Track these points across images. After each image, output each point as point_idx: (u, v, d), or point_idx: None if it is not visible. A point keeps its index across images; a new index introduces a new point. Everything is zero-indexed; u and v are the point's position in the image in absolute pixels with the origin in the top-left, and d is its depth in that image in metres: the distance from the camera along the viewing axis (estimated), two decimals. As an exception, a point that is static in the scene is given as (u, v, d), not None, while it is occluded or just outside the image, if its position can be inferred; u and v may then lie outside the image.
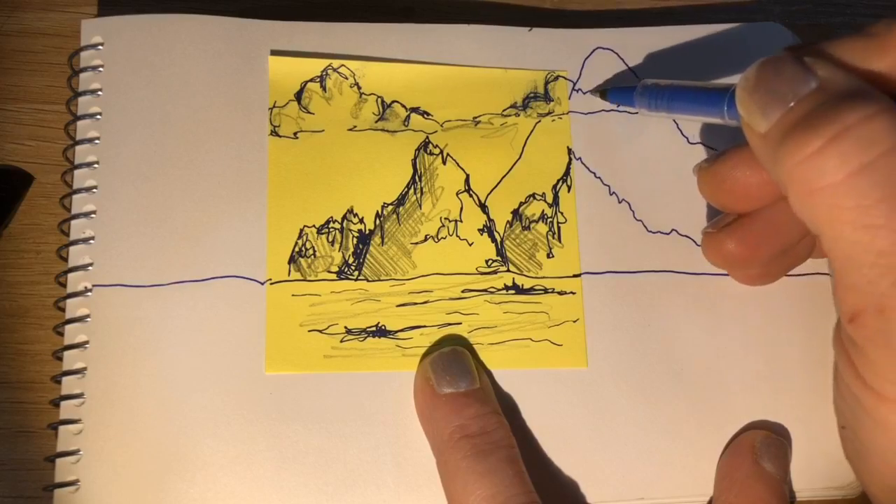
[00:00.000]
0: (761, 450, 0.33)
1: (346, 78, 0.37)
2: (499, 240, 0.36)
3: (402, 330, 0.35)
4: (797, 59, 0.27)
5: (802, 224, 0.27)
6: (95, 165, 0.36)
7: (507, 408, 0.34)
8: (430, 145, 0.37)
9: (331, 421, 0.34)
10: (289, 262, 0.35)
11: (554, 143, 0.38)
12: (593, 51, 0.39)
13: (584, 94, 0.38)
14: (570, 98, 0.38)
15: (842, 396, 0.29)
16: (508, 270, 0.36)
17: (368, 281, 0.36)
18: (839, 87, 0.26)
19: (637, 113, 0.37)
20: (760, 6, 0.41)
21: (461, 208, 0.37)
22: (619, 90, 0.37)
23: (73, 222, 0.35)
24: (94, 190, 0.36)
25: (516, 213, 0.37)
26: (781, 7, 0.40)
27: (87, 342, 0.34)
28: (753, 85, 0.28)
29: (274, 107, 0.37)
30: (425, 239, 0.36)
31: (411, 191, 0.37)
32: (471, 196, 0.37)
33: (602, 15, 0.41)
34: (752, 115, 0.28)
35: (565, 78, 0.38)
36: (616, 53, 0.39)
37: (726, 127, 0.37)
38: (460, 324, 0.35)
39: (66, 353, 0.34)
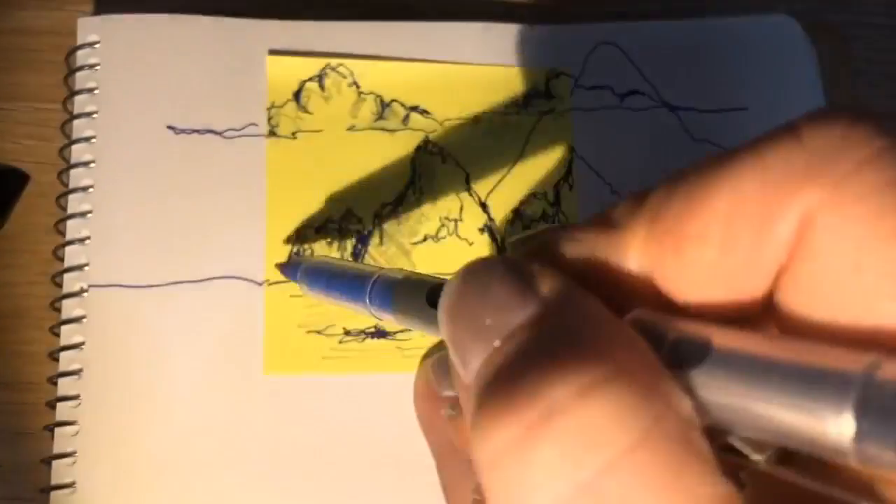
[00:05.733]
0: None
1: (345, 77, 0.37)
2: (499, 239, 0.36)
3: (401, 331, 0.35)
4: (514, 268, 0.17)
5: None
6: (91, 165, 0.36)
7: (507, 410, 0.34)
8: (430, 144, 0.37)
9: (329, 423, 0.34)
10: (287, 263, 0.35)
11: (555, 141, 0.37)
12: (595, 46, 0.38)
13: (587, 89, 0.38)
14: (571, 95, 0.38)
15: None
16: (509, 271, 0.36)
17: (367, 281, 0.35)
18: (563, 319, 0.16)
19: None
20: (765, 3, 0.40)
21: (461, 208, 0.36)
22: (287, 266, 0.33)
23: (68, 222, 0.35)
24: (90, 189, 0.35)
25: (517, 213, 0.36)
26: (786, 5, 0.40)
27: (83, 343, 0.34)
28: (453, 306, 0.18)
29: (272, 107, 0.37)
30: (424, 239, 0.36)
31: (410, 190, 0.36)
32: (471, 195, 0.36)
33: (604, 9, 0.40)
34: (453, 355, 0.18)
35: (567, 75, 0.38)
36: (619, 49, 0.38)
37: (731, 124, 0.37)
38: (460, 325, 0.35)
39: (63, 354, 0.34)
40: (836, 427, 0.13)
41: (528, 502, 0.14)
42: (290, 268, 0.33)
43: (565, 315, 0.16)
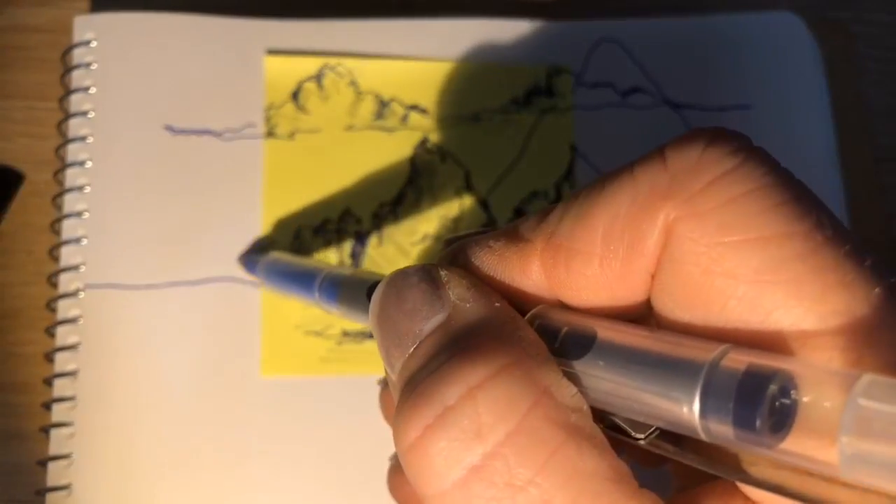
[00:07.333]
0: None
1: (343, 76, 0.37)
2: (499, 239, 0.36)
3: (399, 332, 0.34)
4: (428, 276, 0.20)
5: None
6: (87, 164, 0.35)
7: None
8: (429, 143, 0.36)
9: (327, 425, 0.33)
10: (284, 263, 0.35)
11: (556, 139, 0.37)
12: (597, 43, 0.38)
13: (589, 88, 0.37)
14: (573, 93, 0.37)
15: None
16: (509, 271, 0.35)
17: (366, 282, 0.35)
18: (465, 322, 0.19)
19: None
20: (769, 0, 0.40)
21: (461, 206, 0.36)
22: (250, 258, 0.35)
23: (64, 222, 0.35)
24: (86, 189, 0.35)
25: (518, 211, 0.36)
26: (789, 2, 0.39)
27: (78, 344, 0.34)
28: (378, 315, 0.20)
29: (270, 107, 0.36)
30: (424, 238, 0.36)
31: (409, 190, 0.36)
32: (471, 194, 0.36)
33: (606, 5, 0.40)
34: (383, 359, 0.20)
35: (568, 72, 0.37)
36: (621, 46, 0.38)
37: (734, 123, 0.37)
38: (459, 326, 0.35)
39: (58, 355, 0.34)
40: (688, 407, 0.16)
41: (435, 486, 0.17)
42: (250, 262, 0.34)
43: (466, 318, 0.19)
